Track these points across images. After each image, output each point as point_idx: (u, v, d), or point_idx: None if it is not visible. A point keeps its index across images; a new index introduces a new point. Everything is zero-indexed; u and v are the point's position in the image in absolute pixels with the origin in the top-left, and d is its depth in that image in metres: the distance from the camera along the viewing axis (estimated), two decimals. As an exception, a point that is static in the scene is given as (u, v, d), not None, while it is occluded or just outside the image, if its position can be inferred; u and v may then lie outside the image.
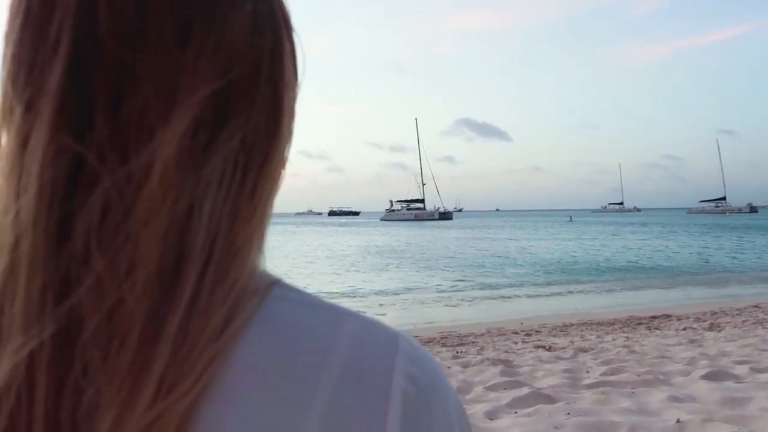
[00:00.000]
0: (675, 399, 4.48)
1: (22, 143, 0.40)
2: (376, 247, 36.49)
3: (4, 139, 0.42)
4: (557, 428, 3.85)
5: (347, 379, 0.42)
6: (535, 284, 17.60)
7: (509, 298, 15.15)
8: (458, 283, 17.94)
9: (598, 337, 8.86)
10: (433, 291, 16.31)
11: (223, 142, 0.42)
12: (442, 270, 21.84)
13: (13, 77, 0.41)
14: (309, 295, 0.46)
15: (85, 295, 0.38)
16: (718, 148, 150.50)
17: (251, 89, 0.44)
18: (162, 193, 0.39)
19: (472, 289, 16.69)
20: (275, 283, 0.45)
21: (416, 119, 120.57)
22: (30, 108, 0.40)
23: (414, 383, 0.43)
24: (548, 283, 17.77)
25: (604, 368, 5.77)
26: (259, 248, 0.45)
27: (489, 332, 9.66)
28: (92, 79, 0.40)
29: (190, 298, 0.39)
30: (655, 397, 4.56)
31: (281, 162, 0.48)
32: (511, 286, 17.24)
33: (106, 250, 0.38)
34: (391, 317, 12.45)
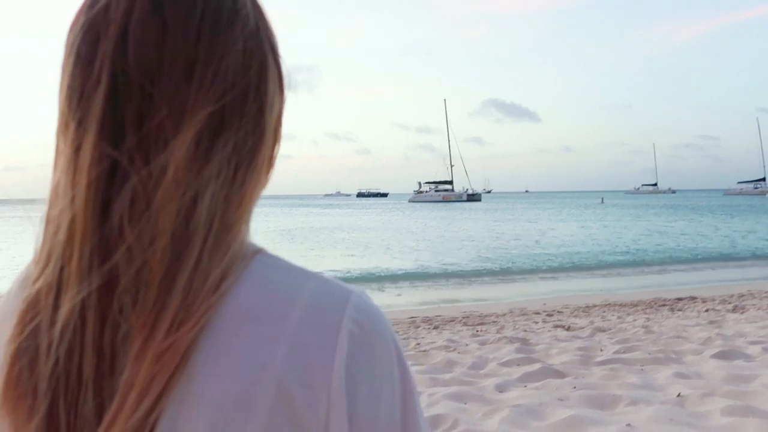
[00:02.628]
0: (681, 376, 4.62)
1: (75, 150, 0.54)
2: (403, 227, 36.67)
3: (62, 145, 0.57)
4: (561, 400, 4.04)
5: (307, 322, 0.54)
6: (561, 266, 17.53)
7: (534, 279, 15.17)
8: (483, 264, 17.99)
9: (618, 318, 8.89)
10: (457, 272, 16.43)
11: (219, 149, 0.55)
12: (467, 251, 21.93)
13: (68, 101, 0.56)
14: (284, 260, 0.59)
15: (120, 258, 0.52)
16: (758, 127, 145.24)
17: (241, 108, 0.57)
18: (174, 186, 0.53)
19: (498, 270, 16.74)
20: (259, 251, 0.58)
21: (445, 100, 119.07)
22: (80, 124, 0.55)
23: (359, 327, 0.56)
24: (574, 265, 17.70)
25: (617, 347, 5.88)
26: (247, 226, 0.59)
27: (511, 312, 9.75)
28: (124, 103, 0.54)
29: (195, 261, 0.53)
30: (663, 374, 4.70)
31: (266, 161, 0.61)
32: (537, 267, 17.22)
33: (135, 227, 0.52)
34: (414, 297, 12.68)
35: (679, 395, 4.02)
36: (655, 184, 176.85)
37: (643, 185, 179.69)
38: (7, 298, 0.61)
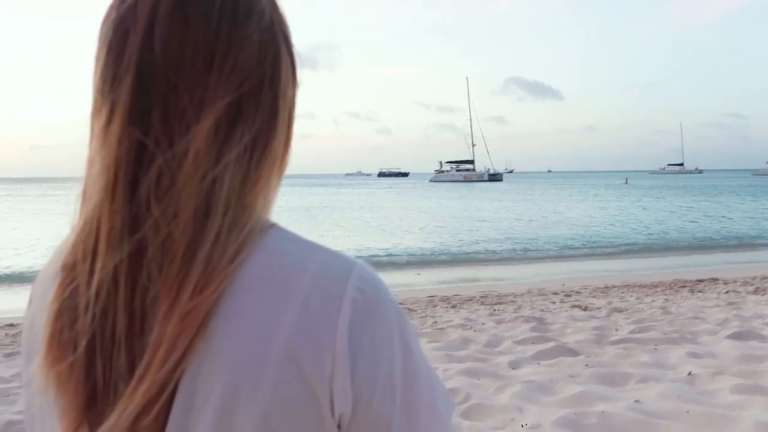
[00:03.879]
0: (694, 355, 4.66)
1: (107, 132, 0.59)
2: (424, 207, 36.69)
3: (95, 128, 0.61)
4: (572, 377, 4.13)
5: (314, 289, 0.58)
6: (581, 247, 17.46)
7: (553, 260, 15.13)
8: (503, 244, 17.98)
9: (637, 298, 8.88)
10: (477, 251, 16.46)
11: (237, 135, 0.60)
12: (487, 231, 21.91)
13: (101, 88, 0.61)
14: (295, 234, 0.63)
15: (147, 230, 0.57)
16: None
17: (257, 97, 0.61)
18: (195, 167, 0.57)
19: (517, 250, 16.72)
20: (272, 226, 0.62)
21: (467, 78, 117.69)
22: (111, 109, 0.59)
23: (362, 294, 0.59)
24: (594, 246, 17.62)
25: (633, 327, 5.92)
26: (264, 204, 0.63)
27: (529, 292, 9.78)
28: (150, 91, 0.58)
29: (215, 235, 0.57)
30: (675, 354, 4.75)
31: (281, 144, 0.65)
32: (556, 248, 17.17)
33: (160, 203, 0.57)
34: (433, 276, 12.77)
35: (689, 374, 4.08)
36: (682, 164, 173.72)
37: (668, 165, 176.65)
38: (48, 265, 0.67)
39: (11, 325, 7.70)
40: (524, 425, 3.29)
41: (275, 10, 0.65)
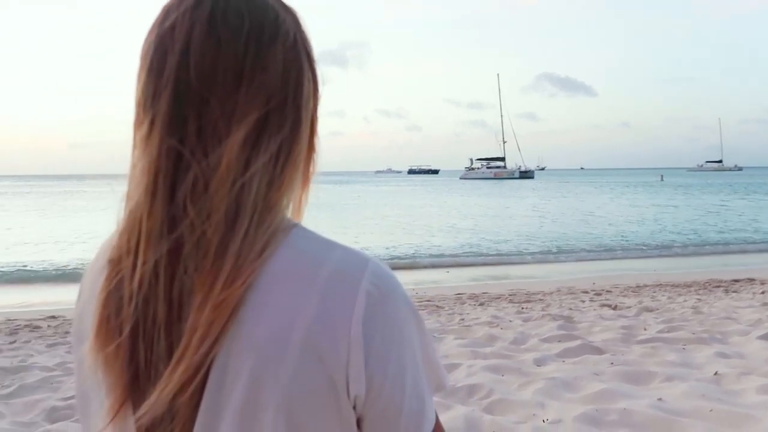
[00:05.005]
0: (722, 355, 4.62)
1: (147, 142, 0.66)
2: (453, 205, 36.57)
3: (136, 138, 0.68)
4: (596, 374, 4.15)
5: (332, 282, 0.64)
6: (612, 246, 17.22)
7: (585, 259, 14.97)
8: (532, 242, 17.84)
9: (669, 298, 8.74)
10: (506, 250, 16.39)
11: (263, 145, 0.66)
12: (517, 229, 21.77)
13: (142, 102, 0.68)
14: (315, 233, 0.69)
15: (184, 229, 0.64)
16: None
17: (281, 111, 0.68)
18: (226, 175, 0.64)
19: (547, 249, 16.57)
20: (295, 226, 0.69)
21: (498, 74, 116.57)
22: (151, 121, 0.66)
23: (376, 288, 0.65)
24: (627, 245, 17.36)
25: (662, 326, 5.86)
26: (288, 205, 0.70)
27: (558, 291, 9.70)
28: (186, 106, 0.65)
29: (243, 233, 0.63)
30: (703, 354, 4.72)
31: (302, 151, 0.71)
32: (588, 246, 16.97)
33: (195, 205, 0.63)
34: (462, 274, 12.77)
35: (716, 373, 4.06)
36: (720, 161, 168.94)
37: (706, 162, 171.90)
38: (95, 259, 0.74)
39: (53, 317, 8.02)
40: (545, 420, 3.34)
41: (299, 29, 0.71)
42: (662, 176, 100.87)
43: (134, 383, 0.65)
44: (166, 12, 0.68)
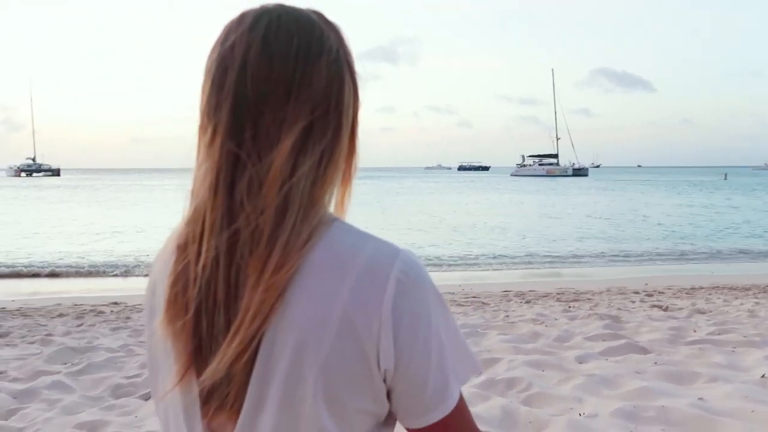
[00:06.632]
0: (772, 359, 4.52)
1: (210, 147, 0.75)
2: (504, 202, 36.17)
3: (201, 142, 0.77)
4: (638, 373, 4.14)
5: (366, 271, 0.73)
6: (670, 247, 16.76)
7: (638, 259, 14.64)
8: (583, 242, 17.57)
9: (724, 301, 8.49)
10: (556, 249, 16.17)
11: (309, 149, 0.74)
12: (566, 227, 21.42)
13: (206, 112, 0.76)
14: (353, 226, 0.77)
15: (241, 222, 0.72)
16: None
17: (325, 119, 0.76)
18: (278, 175, 0.72)
19: (598, 248, 16.29)
20: (335, 220, 0.77)
21: (552, 70, 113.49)
22: (214, 129, 0.75)
23: (405, 275, 0.73)
24: (684, 246, 16.86)
25: (713, 328, 5.74)
26: (330, 201, 0.78)
27: (608, 290, 9.54)
28: (243, 115, 0.73)
29: (291, 226, 0.71)
30: (753, 357, 4.62)
31: (344, 152, 0.79)
32: (642, 247, 16.56)
33: (251, 201, 0.72)
34: (510, 272, 12.71)
35: (763, 376, 3.99)
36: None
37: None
38: (165, 245, 0.83)
39: (115, 303, 8.49)
40: (581, 414, 3.38)
41: (341, 44, 0.79)
42: (726, 175, 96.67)
43: (198, 352, 0.74)
44: (227, 32, 0.77)
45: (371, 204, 33.43)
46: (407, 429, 0.79)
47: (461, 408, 0.78)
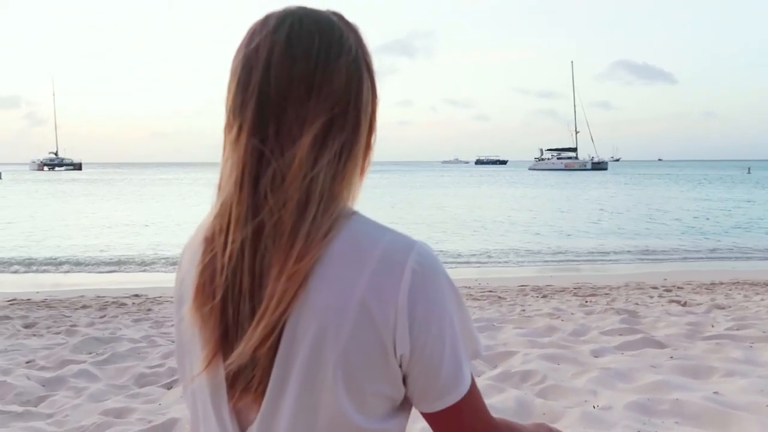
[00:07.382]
0: (791, 354, 4.50)
1: (236, 143, 0.78)
2: (522, 197, 36.00)
3: (227, 139, 0.80)
4: (654, 367, 4.14)
5: (383, 261, 0.76)
6: (690, 242, 16.59)
7: (657, 255, 14.51)
8: (603, 238, 17.43)
9: (745, 296, 8.38)
10: (574, 245, 16.11)
11: (329, 145, 0.78)
12: (583, 222, 21.28)
13: (232, 110, 0.79)
14: (371, 219, 0.80)
15: (265, 215, 0.75)
16: None
17: (344, 116, 0.79)
18: (299, 170, 0.75)
19: (616, 244, 16.17)
20: (354, 213, 0.80)
21: (572, 62, 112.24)
22: (240, 126, 0.78)
23: (420, 265, 0.76)
24: (705, 241, 16.68)
25: (731, 324, 5.69)
26: (348, 195, 0.80)
27: (626, 285, 9.47)
28: (267, 113, 0.77)
29: (312, 218, 0.75)
30: (771, 352, 4.61)
31: (362, 148, 0.82)
32: (662, 242, 16.39)
33: (274, 195, 0.75)
34: (527, 267, 12.70)
35: (780, 371, 3.99)
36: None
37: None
38: (193, 236, 0.87)
39: (137, 295, 8.65)
40: (596, 406, 3.41)
41: (360, 43, 0.83)
42: (749, 168, 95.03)
43: (224, 338, 0.77)
44: (252, 34, 0.81)
45: (389, 198, 33.46)
46: (422, 414, 0.82)
47: (473, 393, 0.81)
